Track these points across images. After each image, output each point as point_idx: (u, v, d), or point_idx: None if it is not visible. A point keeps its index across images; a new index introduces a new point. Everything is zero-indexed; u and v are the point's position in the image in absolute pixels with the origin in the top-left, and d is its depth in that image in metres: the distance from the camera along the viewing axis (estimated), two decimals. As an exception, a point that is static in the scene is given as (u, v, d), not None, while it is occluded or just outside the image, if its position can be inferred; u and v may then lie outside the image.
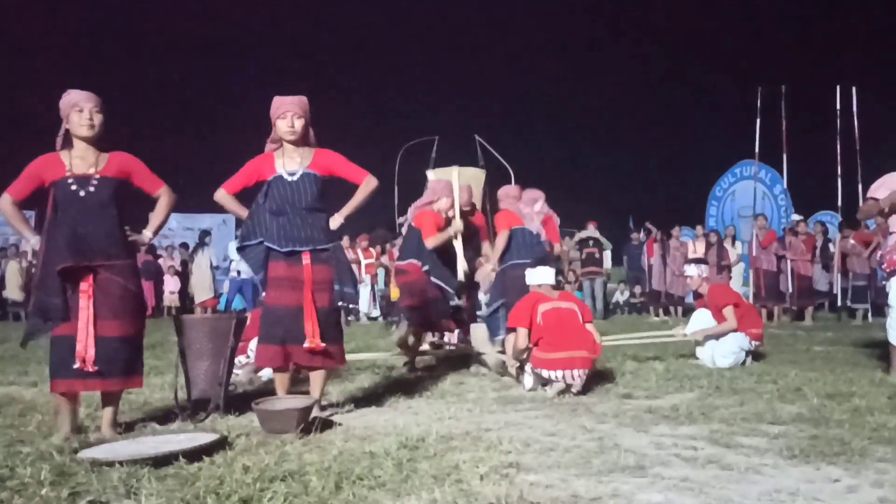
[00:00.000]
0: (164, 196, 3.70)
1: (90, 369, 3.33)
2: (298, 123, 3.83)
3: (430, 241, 5.54)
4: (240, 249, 3.95)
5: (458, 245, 6.15)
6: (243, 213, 3.94)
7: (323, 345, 3.76)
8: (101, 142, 3.53)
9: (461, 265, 5.88)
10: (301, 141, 3.90)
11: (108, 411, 3.52)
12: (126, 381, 3.51)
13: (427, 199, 5.83)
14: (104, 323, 3.39)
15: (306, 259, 3.81)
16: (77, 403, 3.55)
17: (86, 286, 3.38)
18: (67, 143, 3.53)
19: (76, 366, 3.32)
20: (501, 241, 5.92)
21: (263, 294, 3.93)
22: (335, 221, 3.93)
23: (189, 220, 18.24)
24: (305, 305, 3.76)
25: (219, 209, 4.05)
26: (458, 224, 5.68)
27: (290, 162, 3.88)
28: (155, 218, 3.73)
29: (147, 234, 3.72)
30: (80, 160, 3.47)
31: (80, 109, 3.44)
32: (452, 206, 5.78)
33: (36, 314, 3.40)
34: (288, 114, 3.82)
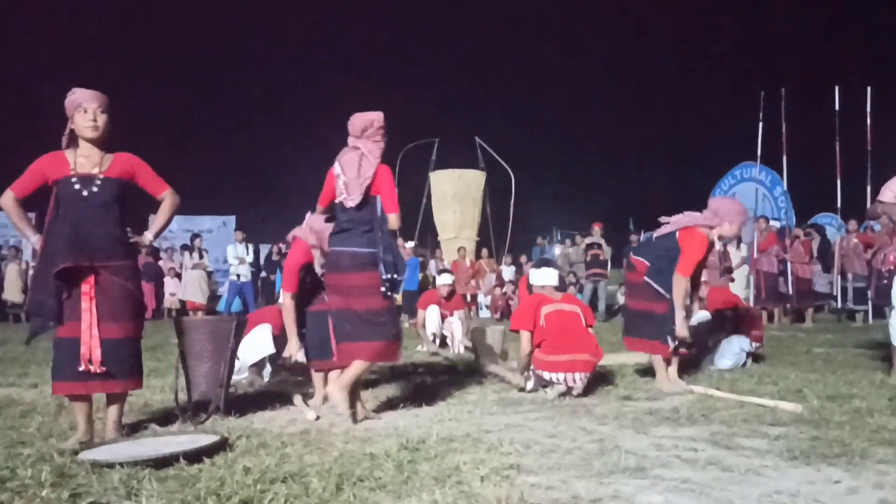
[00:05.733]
0: (167, 199, 3.64)
1: (97, 371, 3.30)
2: None
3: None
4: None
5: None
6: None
7: None
8: (106, 142, 3.48)
9: None
10: None
11: (113, 411, 3.50)
12: (129, 383, 3.48)
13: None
14: (106, 325, 3.36)
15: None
16: (91, 405, 3.48)
17: (87, 287, 3.34)
18: (73, 142, 3.48)
19: (81, 368, 3.28)
20: None
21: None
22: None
23: (189, 221, 18.21)
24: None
25: (219, 211, 4.01)
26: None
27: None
28: (158, 220, 3.67)
29: (148, 235, 3.64)
30: (84, 159, 3.42)
31: (84, 110, 3.39)
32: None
33: (35, 313, 3.39)
34: None
